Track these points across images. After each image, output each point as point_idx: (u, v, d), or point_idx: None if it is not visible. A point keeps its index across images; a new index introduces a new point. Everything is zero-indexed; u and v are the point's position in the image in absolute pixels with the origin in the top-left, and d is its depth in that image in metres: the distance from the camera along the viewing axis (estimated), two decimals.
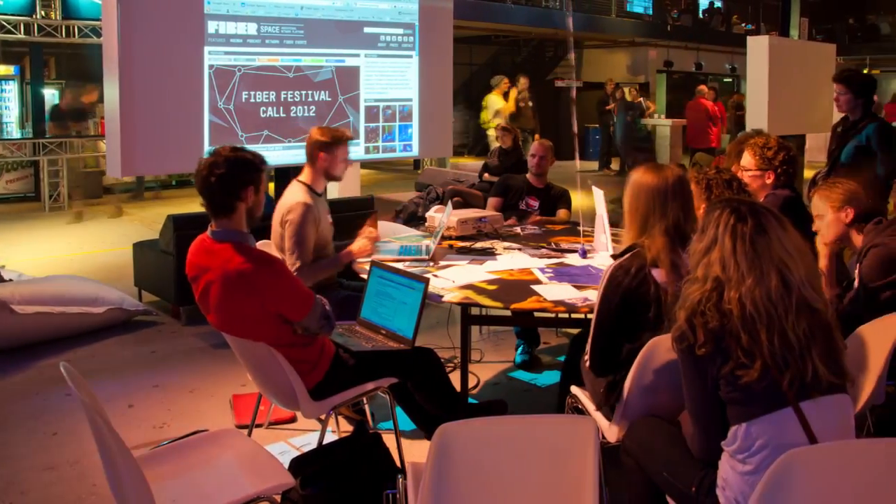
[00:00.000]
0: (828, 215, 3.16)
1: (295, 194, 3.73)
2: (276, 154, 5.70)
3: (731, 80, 21.25)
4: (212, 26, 5.69)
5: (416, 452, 3.26)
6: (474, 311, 3.92)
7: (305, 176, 3.84)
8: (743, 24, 21.22)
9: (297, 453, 3.24)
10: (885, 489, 1.89)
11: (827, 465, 1.86)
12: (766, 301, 1.98)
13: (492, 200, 5.19)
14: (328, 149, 3.79)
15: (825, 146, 5.33)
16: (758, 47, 9.29)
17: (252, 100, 5.92)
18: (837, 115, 5.07)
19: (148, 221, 9.30)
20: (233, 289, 2.71)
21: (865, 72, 22.69)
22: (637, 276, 2.57)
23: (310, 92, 6.19)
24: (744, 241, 2.02)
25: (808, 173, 9.11)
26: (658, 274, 2.56)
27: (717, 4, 21.27)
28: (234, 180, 2.72)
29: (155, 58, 5.40)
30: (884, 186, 4.44)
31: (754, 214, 2.06)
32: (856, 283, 3.13)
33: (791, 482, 1.82)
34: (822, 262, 3.15)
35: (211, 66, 5.70)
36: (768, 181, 3.53)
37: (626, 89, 15.61)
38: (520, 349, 4.66)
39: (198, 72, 5.64)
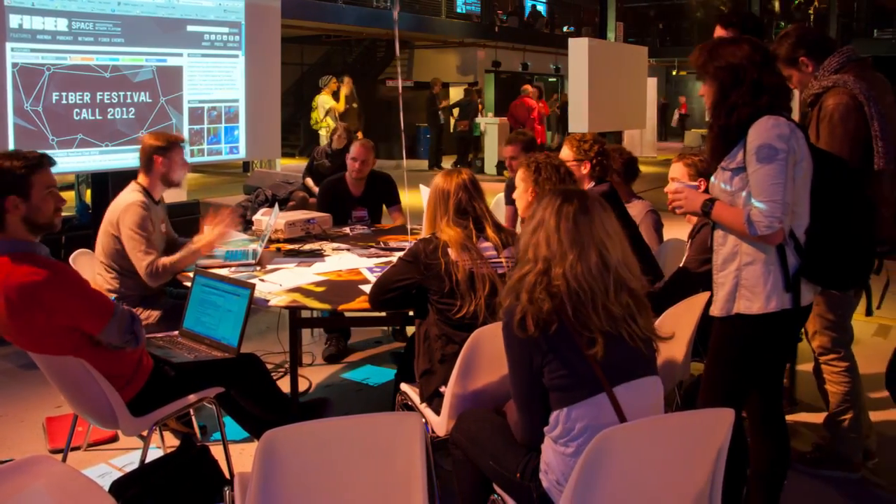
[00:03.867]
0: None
1: (128, 195, 3.62)
2: (93, 159, 5.39)
3: (555, 79, 22.17)
4: (14, 20, 5.28)
5: (248, 462, 3.17)
6: (305, 313, 3.87)
7: (142, 181, 3.72)
8: (564, 28, 22.22)
9: (120, 474, 3.07)
10: (688, 456, 2.04)
11: (636, 442, 1.97)
12: (587, 277, 2.07)
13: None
14: (165, 153, 3.69)
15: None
16: (578, 48, 9.72)
17: (64, 101, 5.56)
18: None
19: None
20: (16, 304, 2.51)
21: (674, 73, 24.39)
22: (434, 250, 2.84)
23: (129, 93, 5.88)
24: (567, 220, 2.11)
25: None
26: (451, 252, 2.81)
27: (540, 7, 22.12)
28: None
29: None
30: None
31: (580, 198, 2.16)
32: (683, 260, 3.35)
33: (606, 460, 1.91)
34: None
35: (15, 65, 5.29)
36: (584, 171, 3.73)
37: (474, 90, 16.00)
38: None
39: None
